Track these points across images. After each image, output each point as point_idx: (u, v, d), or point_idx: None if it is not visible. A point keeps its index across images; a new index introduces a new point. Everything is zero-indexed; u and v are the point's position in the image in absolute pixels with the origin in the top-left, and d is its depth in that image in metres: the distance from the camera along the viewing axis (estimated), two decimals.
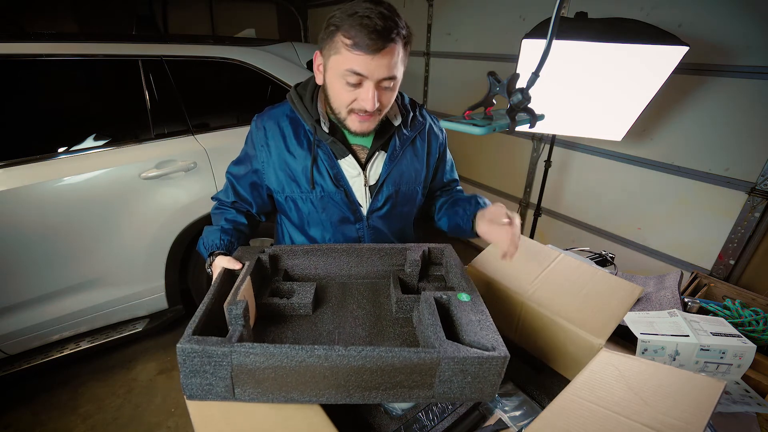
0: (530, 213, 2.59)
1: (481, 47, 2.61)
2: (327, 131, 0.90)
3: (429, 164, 1.03)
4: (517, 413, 0.73)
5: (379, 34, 0.72)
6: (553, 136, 2.02)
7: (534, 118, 0.68)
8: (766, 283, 1.66)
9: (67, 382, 1.89)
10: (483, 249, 1.01)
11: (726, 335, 0.84)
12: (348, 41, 0.74)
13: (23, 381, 1.83)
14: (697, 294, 1.39)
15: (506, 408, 0.74)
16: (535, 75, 0.63)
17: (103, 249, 1.69)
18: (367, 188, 0.95)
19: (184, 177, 1.80)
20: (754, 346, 0.81)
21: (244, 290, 0.69)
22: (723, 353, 0.82)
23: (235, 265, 0.79)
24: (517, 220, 0.84)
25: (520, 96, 0.65)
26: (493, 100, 0.72)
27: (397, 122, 0.95)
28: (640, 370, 0.63)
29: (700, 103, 1.74)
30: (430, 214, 1.13)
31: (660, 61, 1.40)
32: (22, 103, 1.59)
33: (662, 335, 0.85)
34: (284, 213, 1.03)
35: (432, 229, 1.14)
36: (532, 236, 2.22)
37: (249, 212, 1.05)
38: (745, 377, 0.86)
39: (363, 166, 0.94)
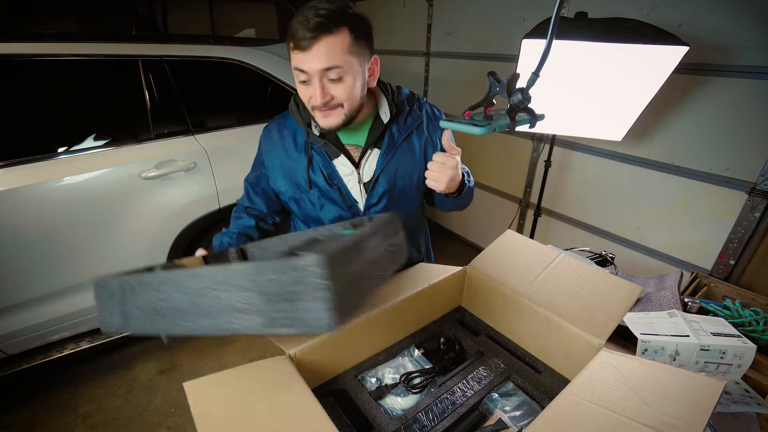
0: (530, 213, 2.59)
1: (481, 47, 2.61)
2: (317, 134, 0.94)
3: (427, 159, 1.00)
4: (517, 413, 0.73)
5: (310, 29, 0.76)
6: (553, 136, 2.02)
7: (534, 118, 0.68)
8: (766, 283, 1.66)
9: (67, 382, 1.89)
10: (483, 249, 1.01)
11: (726, 335, 0.85)
12: (292, 44, 0.79)
13: (23, 381, 1.83)
14: (697, 294, 1.39)
15: (506, 408, 0.74)
16: (535, 75, 0.63)
17: (103, 249, 1.69)
18: (362, 185, 0.97)
19: (184, 177, 1.80)
20: (754, 347, 0.81)
21: (186, 260, 0.69)
22: (723, 353, 0.82)
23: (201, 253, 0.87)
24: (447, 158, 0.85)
25: (520, 96, 0.65)
26: (493, 100, 0.72)
27: (386, 119, 0.96)
28: (640, 370, 0.63)
29: (700, 103, 1.73)
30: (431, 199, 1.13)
31: (660, 61, 1.40)
32: (22, 103, 1.59)
33: (662, 335, 0.85)
34: (291, 211, 1.09)
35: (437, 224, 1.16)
36: (532, 236, 2.22)
37: (261, 216, 1.11)
38: (745, 377, 0.86)
39: (357, 164, 0.96)
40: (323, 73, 0.80)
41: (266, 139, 1.03)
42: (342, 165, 0.96)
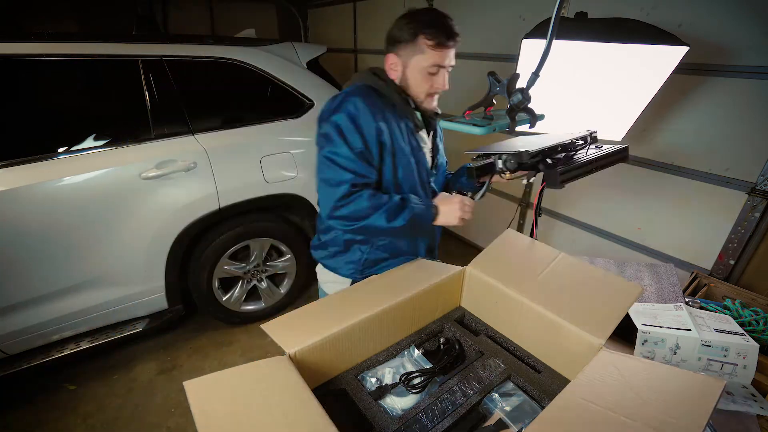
0: (530, 213, 2.59)
1: (481, 47, 2.61)
2: (413, 107, 1.08)
3: (440, 143, 1.26)
4: (517, 413, 0.73)
5: (451, 32, 0.97)
6: None
7: (534, 118, 0.69)
8: (766, 283, 1.66)
9: (67, 382, 1.89)
10: (483, 249, 1.01)
11: (729, 332, 0.84)
12: (431, 42, 0.96)
13: (23, 381, 1.83)
14: (697, 294, 1.39)
15: (506, 408, 0.74)
16: (535, 75, 0.64)
17: (103, 249, 1.69)
18: (430, 156, 1.17)
19: (184, 177, 1.80)
20: (757, 345, 0.81)
21: None
22: (726, 350, 0.82)
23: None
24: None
25: (520, 96, 0.65)
26: (493, 100, 0.72)
27: (439, 111, 1.14)
28: (640, 370, 0.63)
29: (700, 103, 1.73)
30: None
31: (660, 61, 1.40)
32: (22, 103, 1.59)
33: (663, 327, 0.85)
34: (384, 179, 1.07)
35: None
36: (532, 236, 2.21)
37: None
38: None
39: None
40: (449, 67, 1.03)
41: (364, 112, 0.99)
42: (422, 137, 1.13)
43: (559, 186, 0.90)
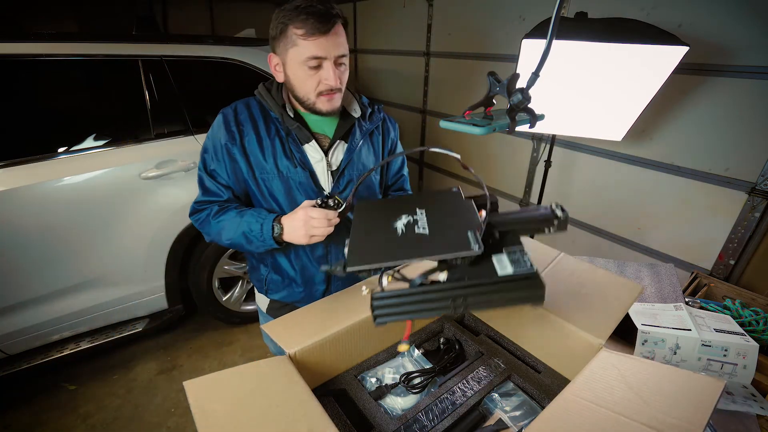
0: None
1: (481, 47, 2.61)
2: (292, 116, 0.96)
3: (383, 156, 1.11)
4: (517, 413, 0.73)
5: (325, 17, 0.82)
6: (553, 136, 2.02)
7: (534, 118, 0.68)
8: (766, 283, 1.66)
9: (67, 382, 1.89)
10: None
11: (729, 332, 0.84)
12: (300, 31, 0.83)
13: (23, 381, 1.83)
14: (697, 294, 1.39)
15: (506, 408, 0.74)
16: (535, 75, 0.63)
17: (103, 249, 1.69)
18: (329, 173, 1.00)
19: (184, 177, 1.80)
20: (757, 345, 0.81)
21: None
22: (726, 350, 0.82)
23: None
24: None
25: (520, 96, 0.65)
26: (493, 100, 0.72)
27: (356, 114, 1.02)
28: (640, 370, 0.63)
29: (700, 103, 1.73)
30: None
31: (660, 61, 1.40)
32: (22, 103, 1.59)
33: (663, 327, 0.85)
34: (255, 199, 1.03)
35: None
36: (532, 236, 2.21)
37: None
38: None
39: (325, 153, 0.99)
40: (337, 59, 0.87)
41: (230, 122, 0.97)
42: (313, 151, 0.98)
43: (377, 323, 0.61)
